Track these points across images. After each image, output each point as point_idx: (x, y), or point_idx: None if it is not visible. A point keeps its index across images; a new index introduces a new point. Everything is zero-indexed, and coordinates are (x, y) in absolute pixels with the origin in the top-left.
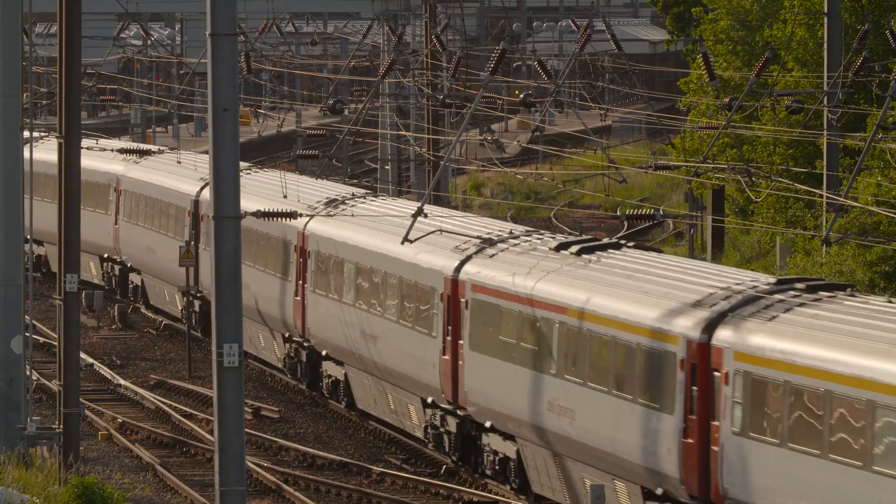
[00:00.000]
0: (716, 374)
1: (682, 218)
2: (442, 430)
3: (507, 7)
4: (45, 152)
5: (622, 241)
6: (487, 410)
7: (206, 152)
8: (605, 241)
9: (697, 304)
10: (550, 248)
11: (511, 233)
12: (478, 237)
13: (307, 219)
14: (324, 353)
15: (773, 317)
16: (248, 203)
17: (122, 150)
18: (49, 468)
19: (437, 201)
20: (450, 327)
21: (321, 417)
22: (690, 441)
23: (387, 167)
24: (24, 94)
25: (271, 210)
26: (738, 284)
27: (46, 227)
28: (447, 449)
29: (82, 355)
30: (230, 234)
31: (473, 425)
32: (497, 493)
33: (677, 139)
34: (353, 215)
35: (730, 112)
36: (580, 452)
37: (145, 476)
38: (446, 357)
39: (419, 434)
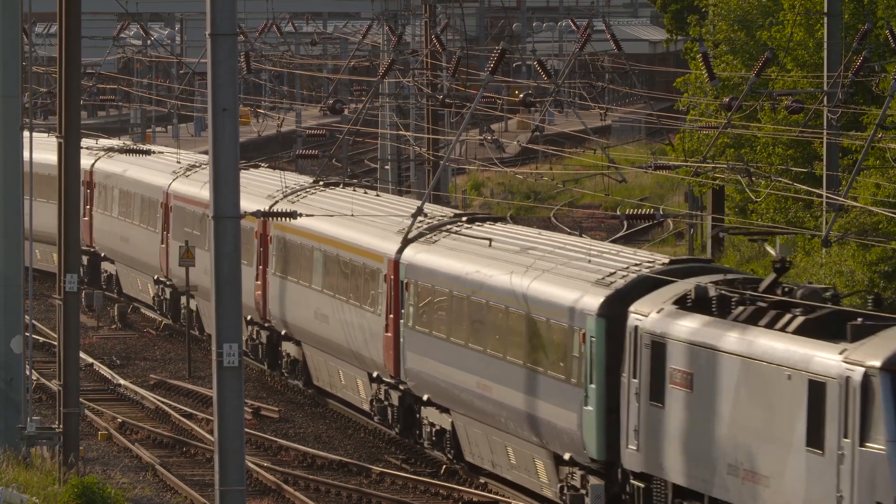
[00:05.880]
0: (267, 237)
1: (682, 218)
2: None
3: (507, 7)
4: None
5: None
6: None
7: (206, 152)
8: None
9: (268, 197)
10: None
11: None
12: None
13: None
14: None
15: (295, 201)
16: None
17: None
18: (49, 468)
19: (438, 201)
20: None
21: (321, 417)
22: (259, 282)
23: (387, 167)
24: (25, 94)
25: (271, 212)
26: (295, 184)
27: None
28: None
29: (82, 355)
30: (230, 235)
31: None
32: (497, 493)
33: (677, 139)
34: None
35: (729, 112)
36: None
37: (145, 476)
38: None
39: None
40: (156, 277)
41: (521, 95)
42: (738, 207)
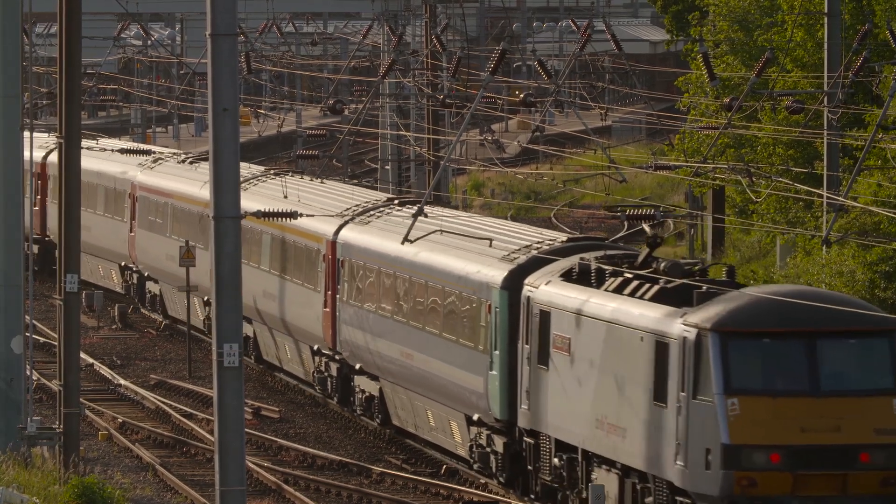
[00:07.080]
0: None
1: (683, 218)
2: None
3: (507, 7)
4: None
5: None
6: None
7: (206, 153)
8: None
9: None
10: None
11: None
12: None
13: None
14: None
15: (248, 188)
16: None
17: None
18: (49, 468)
19: (438, 201)
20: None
21: (321, 417)
22: None
23: (387, 167)
24: (25, 94)
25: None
26: (248, 173)
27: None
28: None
29: (82, 355)
30: (230, 235)
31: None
32: (497, 493)
33: (677, 139)
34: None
35: (730, 112)
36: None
37: (145, 476)
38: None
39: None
40: (122, 264)
41: (522, 95)
42: (739, 208)
